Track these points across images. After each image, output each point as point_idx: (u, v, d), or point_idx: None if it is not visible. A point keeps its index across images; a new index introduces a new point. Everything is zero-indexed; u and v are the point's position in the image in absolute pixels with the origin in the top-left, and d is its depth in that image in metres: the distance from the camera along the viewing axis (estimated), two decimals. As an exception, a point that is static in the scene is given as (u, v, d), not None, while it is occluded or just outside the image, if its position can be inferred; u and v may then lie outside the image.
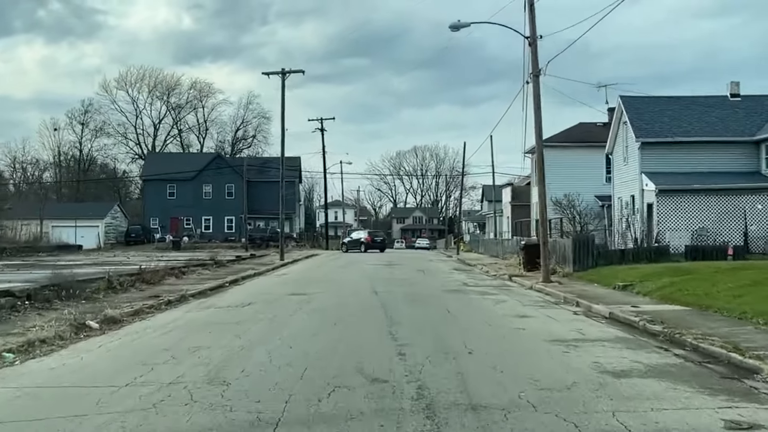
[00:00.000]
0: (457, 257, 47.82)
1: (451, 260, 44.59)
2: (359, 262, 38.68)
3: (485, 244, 53.69)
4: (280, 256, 41.10)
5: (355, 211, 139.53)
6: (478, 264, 36.27)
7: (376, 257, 46.72)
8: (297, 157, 79.72)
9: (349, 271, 30.90)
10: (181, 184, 76.10)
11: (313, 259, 45.07)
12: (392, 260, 41.22)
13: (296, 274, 28.89)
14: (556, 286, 21.01)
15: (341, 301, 17.22)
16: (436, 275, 27.94)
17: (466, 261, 41.03)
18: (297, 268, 34.46)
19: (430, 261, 41.85)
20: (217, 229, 75.58)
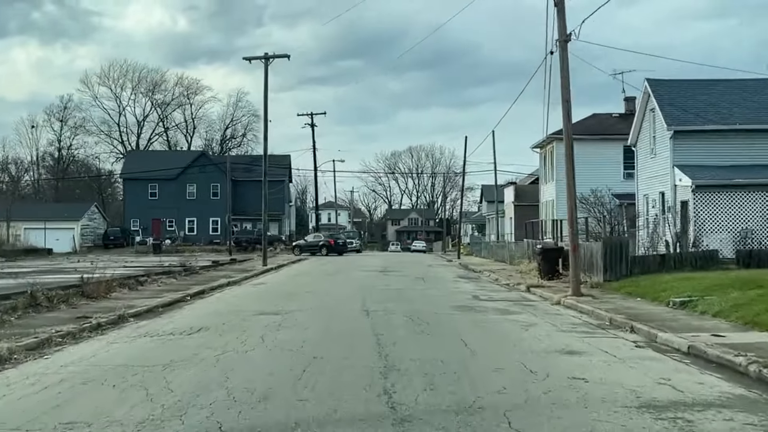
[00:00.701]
0: (458, 262, 43.90)
1: (452, 265, 40.66)
2: (351, 269, 34.75)
3: (489, 247, 49.79)
4: (263, 262, 37.15)
5: (349, 213, 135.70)
6: (484, 270, 32.35)
7: (370, 263, 42.79)
8: (286, 155, 75.87)
9: (338, 279, 26.95)
10: (163, 183, 72.03)
11: (301, 265, 41.10)
12: (388, 266, 37.29)
13: (276, 284, 24.91)
14: (591, 301, 17.08)
15: (321, 326, 13.25)
16: (439, 285, 24.00)
17: (469, 266, 37.10)
18: (279, 275, 30.49)
19: (429, 266, 37.92)
20: (202, 231, 71.55)
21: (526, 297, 19.74)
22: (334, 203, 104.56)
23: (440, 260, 49.75)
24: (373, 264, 40.64)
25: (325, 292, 21.05)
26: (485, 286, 23.59)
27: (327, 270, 33.90)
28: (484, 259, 45.14)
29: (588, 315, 15.19)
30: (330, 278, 27.65)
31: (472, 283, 25.32)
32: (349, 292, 20.56)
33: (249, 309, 16.08)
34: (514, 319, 14.54)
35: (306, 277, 29.06)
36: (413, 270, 33.45)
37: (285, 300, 18.22)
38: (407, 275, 28.94)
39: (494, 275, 28.72)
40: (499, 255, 42.31)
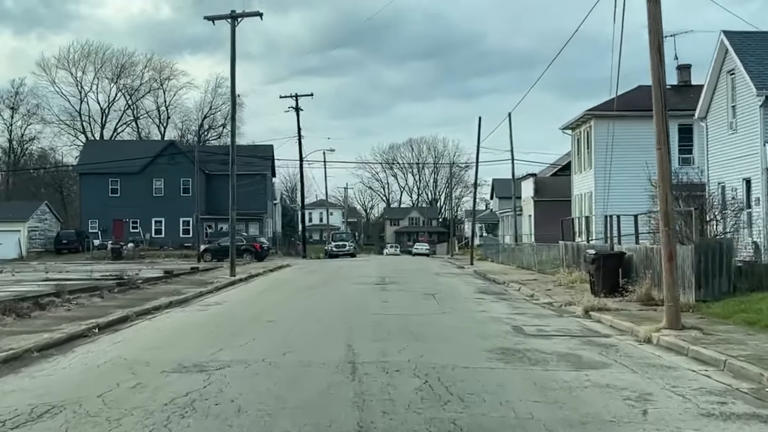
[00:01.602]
0: (472, 269, 38.43)
1: (465, 273, 35.20)
2: (340, 279, 29.29)
3: (507, 250, 44.30)
4: (231, 271, 31.68)
5: (343, 212, 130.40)
6: (509, 281, 26.92)
7: (365, 270, 37.30)
8: (269, 145, 70.38)
9: (320, 297, 21.47)
10: (126, 178, 66.45)
11: (279, 274, 35.65)
12: (386, 274, 31.86)
13: (233, 306, 19.43)
14: (702, 338, 11.68)
15: (263, 408, 7.74)
16: (457, 305, 18.52)
17: (488, 275, 31.65)
18: (245, 291, 25.03)
19: (437, 275, 32.45)
20: (171, 233, 65.98)
21: (592, 328, 14.27)
22: (326, 201, 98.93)
23: (449, 266, 44.29)
24: (368, 272, 35.22)
25: (296, 320, 15.58)
26: (522, 308, 18.11)
27: (310, 281, 28.44)
28: (502, 266, 39.69)
29: (718, 368, 9.76)
30: (310, 295, 22.17)
31: (502, 302, 19.82)
32: (329, 321, 15.10)
33: (163, 359, 10.62)
34: (602, 380, 9.06)
35: (279, 292, 23.58)
36: (418, 281, 28.02)
37: (229, 338, 12.73)
38: (412, 289, 23.49)
39: (526, 289, 23.28)
40: (521, 260, 36.88)
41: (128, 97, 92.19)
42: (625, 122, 32.74)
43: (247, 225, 66.43)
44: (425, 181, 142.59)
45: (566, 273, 25.83)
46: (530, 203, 55.32)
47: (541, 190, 55.20)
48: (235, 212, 32.88)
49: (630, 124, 32.67)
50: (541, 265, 31.58)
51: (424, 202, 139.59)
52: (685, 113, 32.81)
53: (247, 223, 66.43)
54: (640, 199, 31.67)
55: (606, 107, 33.53)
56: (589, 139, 33.56)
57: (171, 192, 66.18)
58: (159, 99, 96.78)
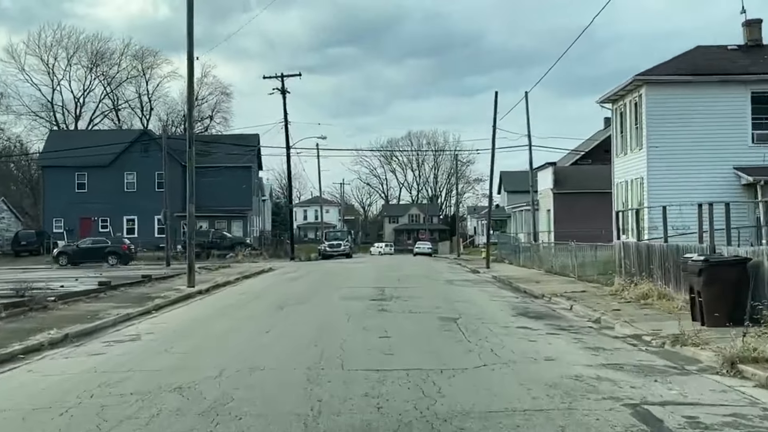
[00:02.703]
0: (490, 273, 31.75)
1: (484, 280, 28.56)
2: (326, 290, 22.67)
3: (530, 251, 37.49)
4: (188, 280, 25.05)
5: (339, 209, 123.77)
6: (547, 293, 20.30)
7: (359, 276, 30.70)
8: (254, 134, 63.53)
9: (289, 325, 14.73)
10: (94, 172, 59.79)
11: (255, 282, 29.05)
12: (386, 282, 25.26)
13: (152, 344, 12.71)
14: None
15: None
16: (499, 343, 11.79)
17: (513, 283, 25.01)
18: (192, 311, 18.35)
19: (451, 284, 25.80)
20: (145, 232, 59.28)
21: (754, 397, 7.68)
22: (320, 197, 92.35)
23: (459, 270, 37.66)
24: (363, 279, 28.63)
25: (230, 382, 8.87)
26: (603, 348, 11.41)
27: (286, 294, 21.77)
28: (525, 270, 33.04)
29: None
30: (274, 323, 15.44)
31: (564, 335, 13.00)
32: (280, 397, 8.41)
33: None
34: None
35: (236, 314, 16.87)
36: (428, 293, 21.38)
37: None
38: (422, 309, 16.87)
39: (581, 307, 16.68)
40: (550, 263, 30.26)
41: (106, 85, 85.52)
42: (676, 89, 26.10)
43: (230, 223, 59.77)
44: (425, 177, 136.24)
45: (627, 283, 19.21)
46: (549, 196, 48.66)
47: (561, 182, 48.52)
48: (193, 206, 26.25)
49: (682, 91, 26.03)
50: (583, 271, 24.95)
51: (424, 198, 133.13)
52: (758, 78, 26.23)
53: (230, 221, 59.78)
54: (708, 183, 25.14)
55: (661, 71, 26.88)
56: (638, 111, 26.87)
57: (145, 187, 59.47)
58: (141, 89, 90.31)
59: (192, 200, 26.09)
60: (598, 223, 45.30)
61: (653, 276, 17.92)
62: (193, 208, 26.19)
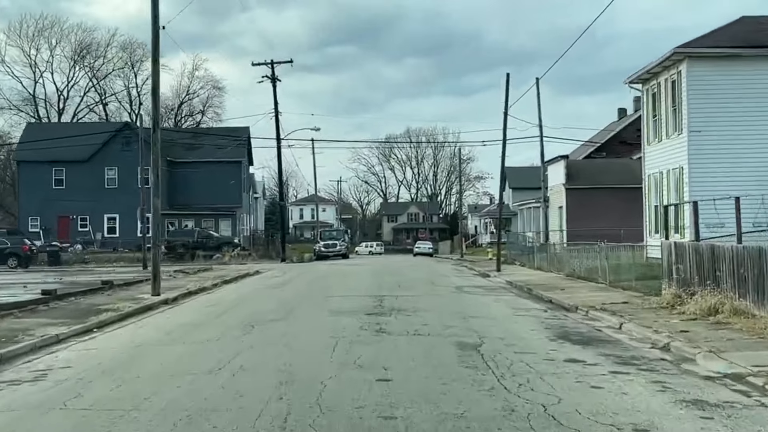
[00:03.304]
0: (503, 278, 27.98)
1: (498, 287, 24.85)
2: (312, 301, 18.97)
3: (546, 252, 33.69)
4: (153, 288, 21.34)
5: (336, 208, 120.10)
6: (582, 306, 16.62)
7: (354, 281, 27.03)
8: (244, 127, 59.70)
9: (258, 354, 10.90)
10: (73, 167, 56.04)
11: (233, 288, 25.35)
12: (385, 291, 21.59)
13: (46, 400, 8.98)
14: None
15: None
16: (543, 389, 8.09)
17: (534, 290, 21.31)
18: (143, 331, 14.59)
19: (461, 292, 22.08)
20: (127, 231, 55.44)
21: None
22: (315, 195, 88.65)
23: (466, 273, 33.99)
24: (359, 282, 25.01)
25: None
26: (703, 395, 7.78)
27: (263, 307, 18.05)
28: (542, 273, 29.33)
29: None
30: (242, 346, 11.70)
31: (635, 372, 9.27)
32: None
33: None
34: None
35: (193, 338, 13.07)
36: (436, 305, 17.69)
37: None
38: (430, 328, 13.19)
39: (634, 326, 13.01)
40: (572, 266, 26.53)
41: (92, 76, 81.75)
42: (735, 64, 22.41)
43: (218, 222, 56.01)
44: (424, 175, 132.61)
45: (682, 293, 15.51)
46: (561, 192, 45.01)
47: (574, 176, 44.88)
48: (159, 200, 22.58)
49: (742, 65, 22.34)
50: (617, 276, 21.23)
51: (423, 196, 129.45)
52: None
53: (217, 220, 56.02)
54: (761, 170, 21.50)
55: (704, 43, 23.17)
56: (676, 90, 23.22)
57: (126, 183, 55.64)
58: (129, 82, 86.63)
59: (157, 194, 22.50)
60: (614, 220, 41.63)
61: (720, 285, 14.23)
62: (158, 203, 22.62)
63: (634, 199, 43.90)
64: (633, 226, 38.88)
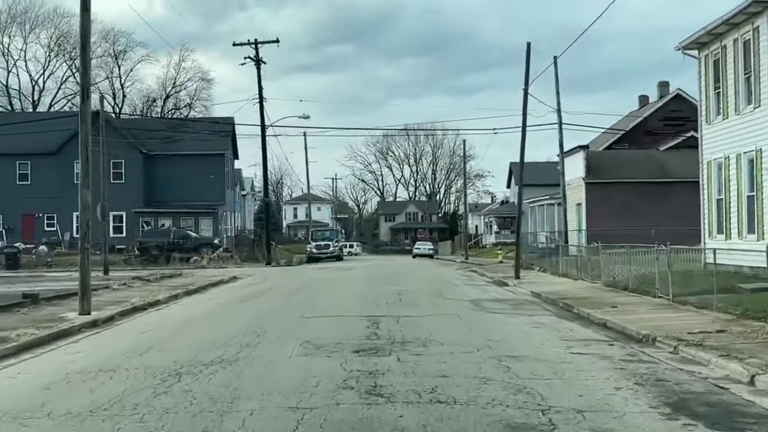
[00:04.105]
0: (527, 288, 22.94)
1: (523, 299, 19.89)
2: (285, 323, 14.01)
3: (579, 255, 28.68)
4: (81, 305, 16.46)
5: (332, 207, 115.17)
6: (658, 333, 11.76)
7: (345, 291, 22.13)
8: (228, 118, 54.66)
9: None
10: (39, 161, 51.03)
11: (190, 303, 20.39)
12: (379, 300, 16.74)
13: None
14: None
15: None
16: None
17: (573, 307, 16.40)
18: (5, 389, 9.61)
19: (479, 308, 17.16)
20: (101, 230, 50.28)
21: None
22: (308, 191, 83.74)
23: (476, 278, 29.09)
24: (350, 294, 20.19)
25: None
26: None
27: (219, 333, 13.08)
28: (571, 282, 24.41)
29: None
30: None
31: None
32: None
33: None
34: None
35: (66, 407, 8.14)
36: (451, 329, 12.87)
37: None
38: (454, 381, 8.38)
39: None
40: (611, 273, 21.59)
41: (70, 64, 76.69)
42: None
43: (198, 220, 50.97)
44: (423, 173, 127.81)
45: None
46: (579, 187, 40.14)
47: (595, 169, 40.04)
48: (89, 192, 17.71)
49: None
50: (682, 288, 16.32)
51: (422, 195, 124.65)
52: None
53: (198, 219, 50.98)
54: None
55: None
56: (749, 53, 18.32)
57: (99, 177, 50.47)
58: (113, 73, 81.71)
59: (87, 184, 17.62)
60: (642, 219, 36.89)
61: None
62: (88, 196, 17.67)
63: (663, 195, 39.20)
64: (664, 225, 34.12)
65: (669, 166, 39.99)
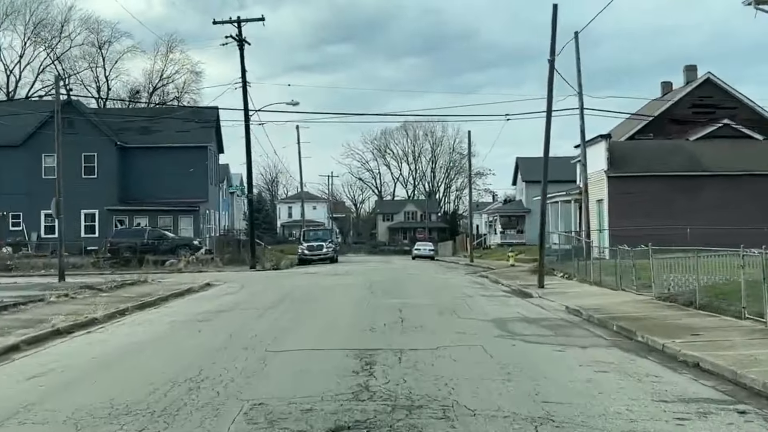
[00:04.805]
0: (554, 298, 18.70)
1: (559, 318, 15.60)
2: (239, 363, 9.69)
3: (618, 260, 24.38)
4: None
5: (328, 206, 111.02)
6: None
7: (334, 304, 17.92)
8: (211, 108, 50.30)
9: None
10: (2, 154, 46.80)
11: (129, 326, 16.11)
12: (375, 321, 12.57)
13: None
14: None
15: None
16: None
17: (637, 334, 12.20)
18: None
19: (509, 335, 12.94)
20: (70, 230, 45.79)
21: None
22: (302, 191, 79.61)
23: (490, 287, 24.88)
24: (337, 312, 16.02)
25: None
26: None
27: (138, 380, 8.83)
28: (609, 291, 20.16)
29: None
30: None
31: None
32: None
33: None
34: None
35: None
36: (488, 380, 8.66)
37: None
38: None
39: None
40: (664, 283, 17.36)
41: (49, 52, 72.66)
42: None
43: (177, 219, 46.64)
44: (422, 171, 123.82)
45: None
46: (601, 181, 35.90)
47: (619, 161, 35.80)
48: None
49: None
50: None
51: (421, 194, 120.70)
52: None
53: (177, 217, 46.64)
54: None
55: None
56: None
57: (69, 172, 45.95)
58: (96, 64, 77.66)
59: None
60: (674, 217, 32.73)
61: None
62: None
63: (696, 190, 35.01)
64: (698, 224, 29.99)
65: (701, 157, 35.82)
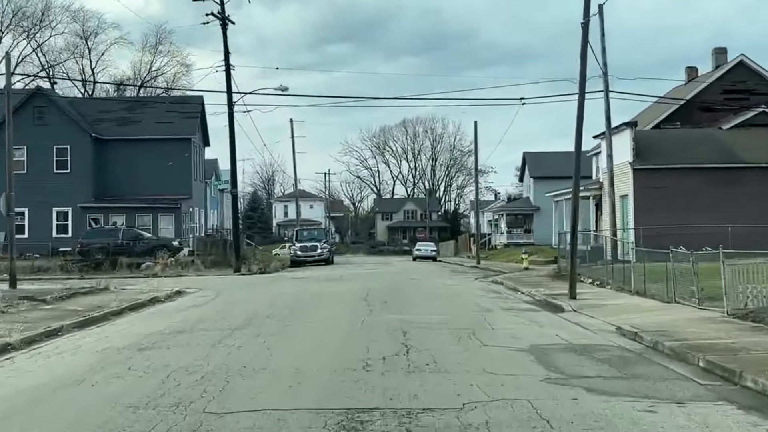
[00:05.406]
0: (595, 314, 14.96)
1: (620, 347, 11.87)
2: None
3: (675, 265, 20.59)
4: None
5: (325, 205, 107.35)
6: None
7: (314, 324, 14.16)
8: (196, 97, 46.57)
9: None
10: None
11: (43, 361, 12.22)
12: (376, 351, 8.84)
13: None
14: None
15: None
16: None
17: (742, 374, 8.47)
18: None
19: (576, 383, 9.27)
20: (40, 231, 42.14)
21: None
22: (296, 189, 75.85)
23: (507, 295, 21.15)
24: (327, 336, 12.26)
25: None
26: None
27: None
28: (659, 303, 16.39)
29: None
30: None
31: None
32: None
33: None
34: None
35: None
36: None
37: None
38: None
39: None
40: (740, 296, 13.60)
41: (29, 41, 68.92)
42: None
43: (157, 218, 42.83)
44: (422, 169, 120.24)
45: None
46: (626, 174, 32.12)
47: (645, 152, 32.04)
48: None
49: None
50: None
51: (420, 192, 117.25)
52: None
53: (157, 216, 42.84)
54: None
55: None
56: None
57: (40, 167, 42.43)
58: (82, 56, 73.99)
59: None
60: (706, 214, 29.04)
61: None
62: None
63: (732, 184, 31.34)
64: (737, 221, 26.40)
65: (735, 148, 32.16)
